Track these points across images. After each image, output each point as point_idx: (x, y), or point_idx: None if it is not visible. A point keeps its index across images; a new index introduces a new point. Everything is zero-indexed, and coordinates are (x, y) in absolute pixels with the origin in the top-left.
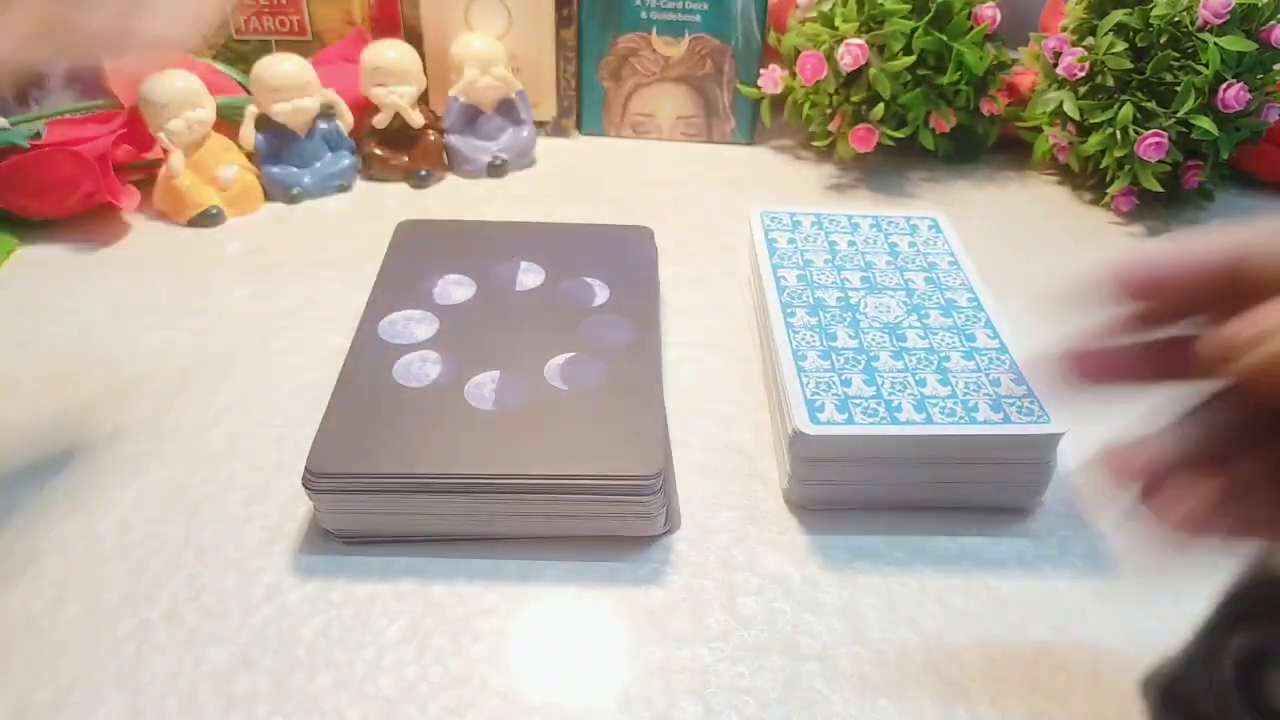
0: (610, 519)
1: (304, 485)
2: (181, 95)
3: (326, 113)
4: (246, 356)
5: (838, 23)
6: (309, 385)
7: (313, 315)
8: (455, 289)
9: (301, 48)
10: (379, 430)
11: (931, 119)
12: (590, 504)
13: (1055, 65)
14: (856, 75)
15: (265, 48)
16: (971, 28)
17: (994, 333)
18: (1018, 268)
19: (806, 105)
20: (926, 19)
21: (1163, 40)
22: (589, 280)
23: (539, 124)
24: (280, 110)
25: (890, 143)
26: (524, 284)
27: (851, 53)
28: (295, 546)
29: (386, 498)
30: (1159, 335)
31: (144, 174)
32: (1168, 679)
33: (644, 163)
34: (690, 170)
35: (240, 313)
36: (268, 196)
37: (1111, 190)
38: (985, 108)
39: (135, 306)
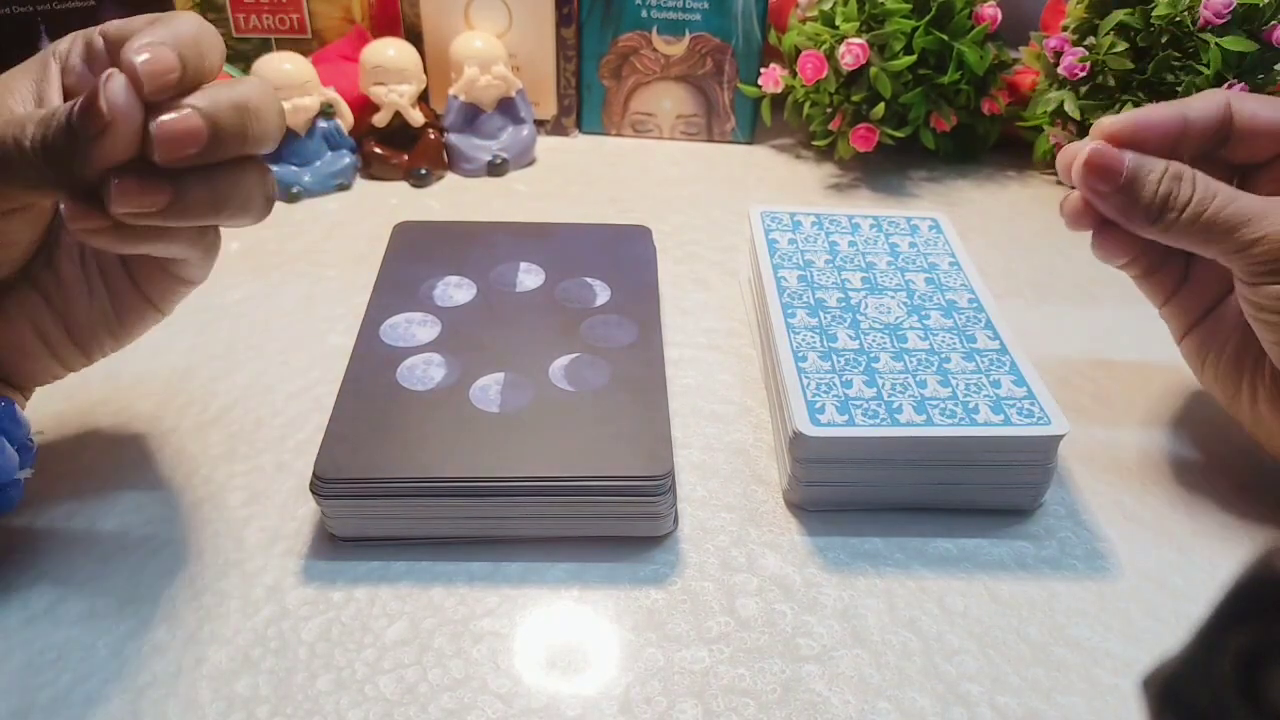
0: (619, 520)
1: (311, 491)
2: None
3: (326, 111)
4: (246, 356)
5: (838, 22)
6: (309, 385)
7: (313, 315)
8: (456, 291)
9: (301, 46)
10: (386, 435)
11: (932, 118)
12: (600, 505)
13: (1056, 65)
14: (857, 75)
15: (265, 46)
16: (972, 27)
17: (994, 334)
18: (1018, 268)
19: (807, 105)
20: (927, 18)
21: (1164, 40)
22: (589, 280)
23: (539, 123)
24: None
25: (891, 142)
26: (524, 285)
27: (852, 52)
28: (295, 547)
29: (395, 502)
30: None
31: None
32: (1168, 679)
33: (644, 162)
34: (690, 169)
35: (240, 312)
36: None
37: None
38: (986, 107)
39: None
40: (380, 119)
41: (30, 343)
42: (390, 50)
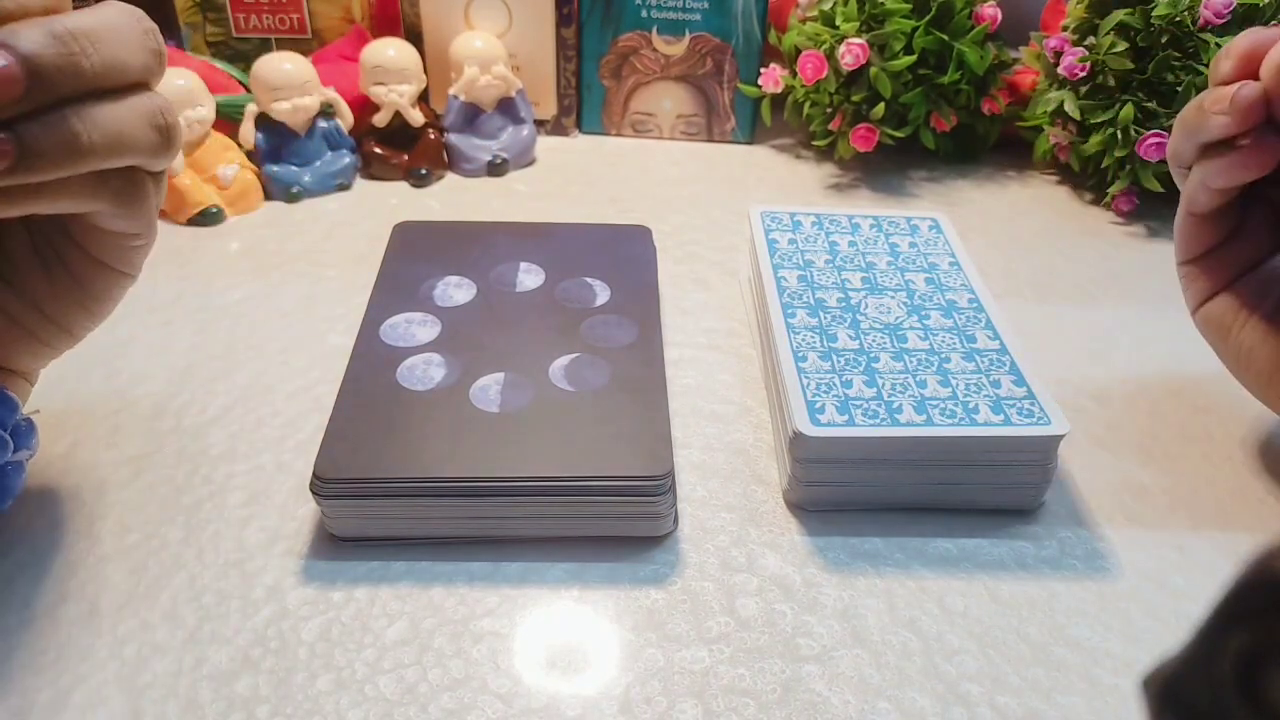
0: (619, 520)
1: (311, 491)
2: (181, 94)
3: (326, 111)
4: (246, 356)
5: (838, 22)
6: (309, 385)
7: (313, 315)
8: (456, 291)
9: (301, 46)
10: (386, 434)
11: (932, 118)
12: (600, 505)
13: (1056, 65)
14: (857, 74)
15: (265, 46)
16: (972, 27)
17: (994, 334)
18: (1018, 268)
19: (807, 105)
20: (927, 18)
21: (1164, 40)
22: (589, 280)
23: (539, 123)
24: (280, 109)
25: (891, 142)
26: (524, 285)
27: (852, 52)
28: (295, 547)
29: (395, 502)
30: None
31: None
32: (1167, 679)
33: (644, 162)
34: (690, 169)
35: (240, 312)
36: (268, 195)
37: (1112, 190)
38: (986, 107)
39: (134, 306)
40: (380, 119)
41: (3, 326)
42: (390, 50)
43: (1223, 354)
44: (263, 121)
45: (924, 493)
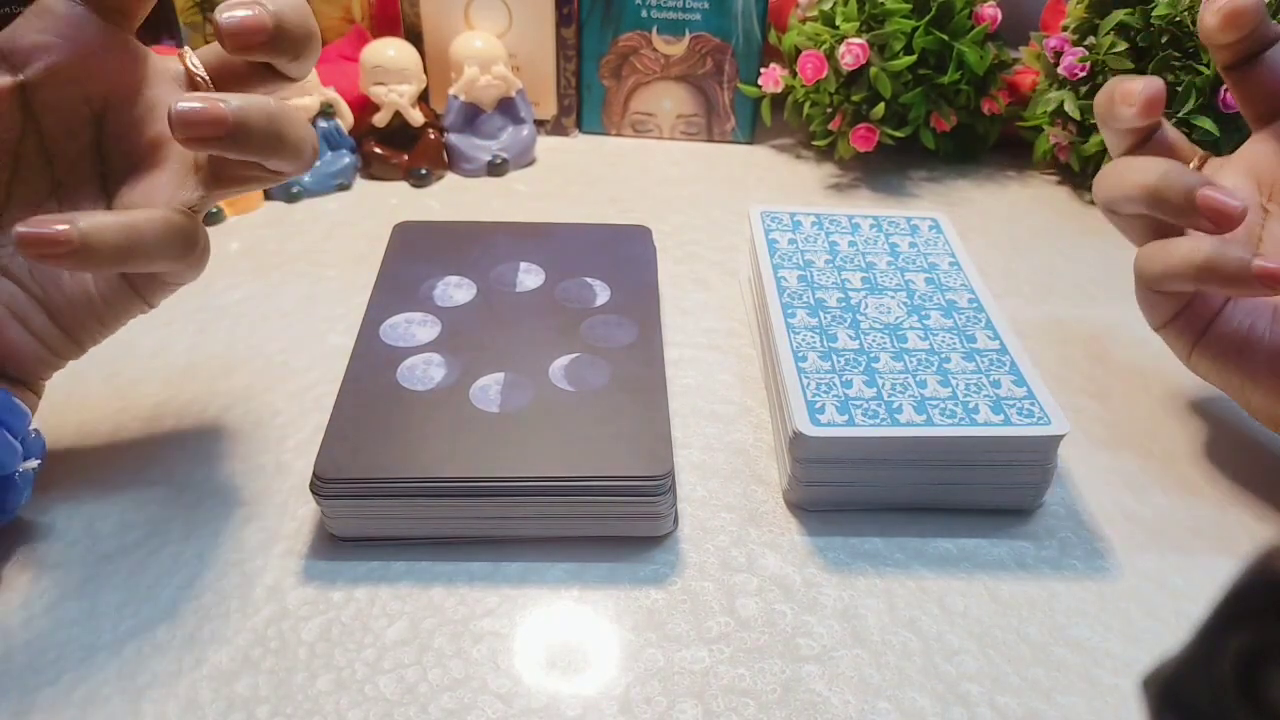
0: (619, 520)
1: (311, 491)
2: None
3: (326, 111)
4: (246, 356)
5: (838, 22)
6: (309, 385)
7: (313, 315)
8: (456, 291)
9: None
10: (386, 434)
11: (932, 118)
12: (600, 505)
13: (1056, 65)
14: (857, 74)
15: None
16: (972, 27)
17: (994, 334)
18: (1018, 268)
19: (807, 104)
20: (927, 18)
21: (1164, 40)
22: (589, 280)
23: (539, 123)
24: None
25: (891, 142)
26: (524, 285)
27: (852, 52)
28: (295, 547)
29: (395, 502)
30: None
31: None
32: (1168, 679)
33: (644, 162)
34: (690, 169)
35: (240, 312)
36: (268, 195)
37: None
38: (986, 107)
39: None
40: (380, 119)
41: (12, 329)
42: (390, 50)
43: (1230, 389)
44: None
45: (924, 493)
